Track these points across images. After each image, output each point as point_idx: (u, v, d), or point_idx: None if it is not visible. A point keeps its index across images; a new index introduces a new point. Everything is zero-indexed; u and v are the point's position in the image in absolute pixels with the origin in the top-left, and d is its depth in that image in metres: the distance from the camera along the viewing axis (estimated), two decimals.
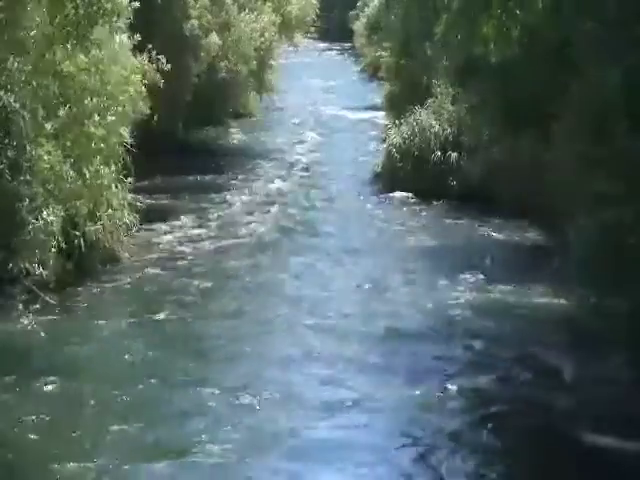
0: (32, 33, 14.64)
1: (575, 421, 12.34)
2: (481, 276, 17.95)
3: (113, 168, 17.95)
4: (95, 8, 13.91)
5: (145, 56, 19.96)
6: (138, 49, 20.15)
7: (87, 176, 16.98)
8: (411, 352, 14.92)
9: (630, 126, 11.54)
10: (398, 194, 24.15)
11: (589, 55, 11.74)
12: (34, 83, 15.02)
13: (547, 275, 16.98)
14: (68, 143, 16.72)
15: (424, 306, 16.64)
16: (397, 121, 25.43)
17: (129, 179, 18.54)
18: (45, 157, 15.61)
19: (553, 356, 14.37)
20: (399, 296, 17.24)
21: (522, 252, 19.66)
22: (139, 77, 18.84)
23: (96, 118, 17.21)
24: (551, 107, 13.24)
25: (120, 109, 17.85)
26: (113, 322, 15.56)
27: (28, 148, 15.05)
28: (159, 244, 19.91)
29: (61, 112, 16.43)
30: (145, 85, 19.19)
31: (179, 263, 18.79)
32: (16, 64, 14.69)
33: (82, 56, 16.58)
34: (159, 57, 20.21)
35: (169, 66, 20.51)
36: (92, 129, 17.10)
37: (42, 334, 14.80)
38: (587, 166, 11.85)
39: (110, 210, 17.59)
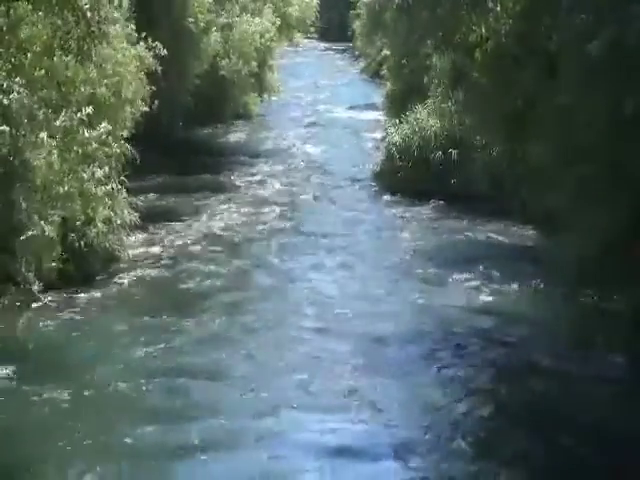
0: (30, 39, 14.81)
1: (574, 422, 12.38)
2: (479, 277, 18.00)
3: (112, 168, 18.00)
4: (94, 29, 14.02)
5: (142, 44, 19.87)
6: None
7: (85, 176, 17.04)
8: (408, 351, 15.00)
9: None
10: (397, 194, 24.17)
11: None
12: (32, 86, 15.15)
13: (545, 275, 17.02)
14: (64, 144, 16.78)
15: (421, 306, 16.72)
16: (397, 120, 25.42)
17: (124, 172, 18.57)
18: (42, 158, 15.65)
19: (551, 357, 14.43)
20: (397, 296, 17.30)
21: (521, 252, 19.66)
22: (134, 66, 18.80)
23: (98, 127, 17.32)
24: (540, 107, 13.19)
25: (117, 109, 17.94)
26: (113, 322, 15.62)
27: (26, 149, 15.12)
28: (160, 243, 19.96)
29: (58, 115, 16.51)
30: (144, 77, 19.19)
31: (180, 262, 18.82)
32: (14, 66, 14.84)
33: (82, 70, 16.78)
34: (156, 44, 20.08)
35: (165, 51, 20.31)
36: (88, 130, 17.17)
37: (41, 336, 14.83)
38: (573, 156, 11.65)
39: (109, 210, 17.61)
